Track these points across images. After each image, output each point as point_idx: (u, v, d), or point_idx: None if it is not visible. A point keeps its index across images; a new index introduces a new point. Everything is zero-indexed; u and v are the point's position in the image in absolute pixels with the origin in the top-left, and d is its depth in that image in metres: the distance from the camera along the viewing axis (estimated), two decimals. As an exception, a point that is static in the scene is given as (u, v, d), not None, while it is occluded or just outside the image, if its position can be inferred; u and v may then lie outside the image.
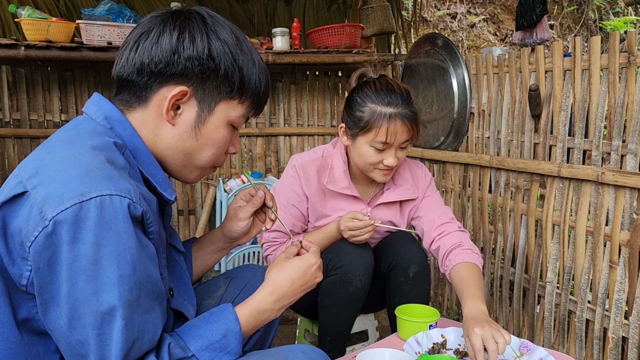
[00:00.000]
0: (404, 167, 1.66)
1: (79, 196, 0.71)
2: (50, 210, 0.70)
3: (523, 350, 1.30)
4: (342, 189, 1.58)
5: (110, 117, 0.88)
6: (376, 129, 1.44)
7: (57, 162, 0.76)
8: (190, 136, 0.91)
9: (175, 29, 0.87)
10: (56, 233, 0.70)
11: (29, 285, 0.74)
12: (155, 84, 0.88)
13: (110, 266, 0.72)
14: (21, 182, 0.74)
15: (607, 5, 7.90)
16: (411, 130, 1.47)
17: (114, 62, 0.93)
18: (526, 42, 3.67)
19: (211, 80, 0.89)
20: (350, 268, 1.49)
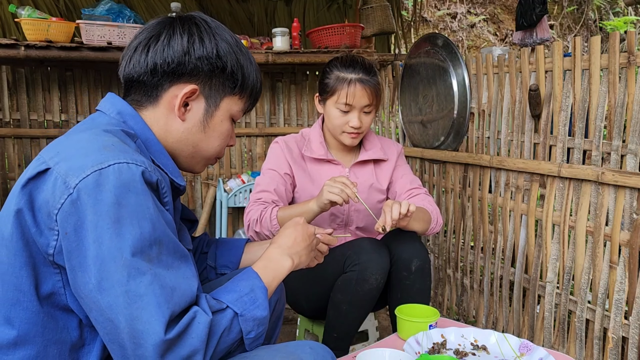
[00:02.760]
0: (373, 136, 1.85)
1: (99, 164, 0.77)
2: (73, 179, 0.76)
3: (523, 350, 1.30)
4: (319, 155, 1.75)
5: (122, 112, 0.95)
6: (339, 91, 1.65)
7: (75, 143, 0.83)
8: (199, 130, 0.99)
9: (185, 32, 0.95)
10: (80, 199, 0.75)
11: (56, 254, 0.78)
12: (166, 83, 0.95)
13: (132, 224, 0.76)
14: (44, 161, 0.81)
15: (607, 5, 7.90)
16: (371, 96, 1.66)
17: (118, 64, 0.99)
18: (526, 42, 3.67)
19: (217, 78, 0.98)
20: (368, 266, 1.51)
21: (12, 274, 0.79)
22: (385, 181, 1.82)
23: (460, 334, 1.38)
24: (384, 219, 1.44)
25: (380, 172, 1.82)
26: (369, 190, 1.78)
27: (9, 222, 0.79)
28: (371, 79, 1.67)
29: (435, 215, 1.71)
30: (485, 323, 2.29)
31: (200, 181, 3.23)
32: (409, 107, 2.66)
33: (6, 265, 0.80)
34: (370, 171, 1.81)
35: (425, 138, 2.57)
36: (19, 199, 0.79)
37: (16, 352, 0.80)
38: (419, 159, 2.72)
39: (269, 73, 3.24)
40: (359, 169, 1.80)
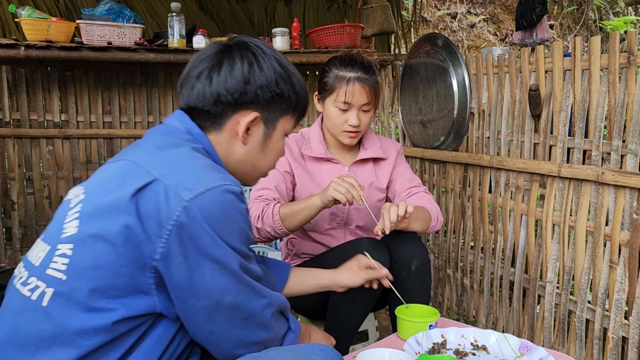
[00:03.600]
0: (372, 135, 1.85)
1: (210, 183, 0.87)
2: (186, 193, 0.86)
3: (523, 350, 1.30)
4: (319, 154, 1.75)
5: (191, 131, 1.02)
6: (338, 90, 1.65)
7: (174, 157, 0.93)
8: (258, 151, 1.07)
9: (245, 61, 1.01)
10: (194, 213, 0.85)
11: (161, 260, 0.86)
12: (229, 111, 1.01)
13: (238, 237, 0.91)
14: (148, 172, 0.89)
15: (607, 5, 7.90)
16: (370, 94, 1.66)
17: (177, 90, 1.07)
18: (526, 42, 3.67)
19: (275, 103, 1.05)
20: None
21: (109, 270, 0.85)
22: (384, 180, 1.82)
23: (460, 334, 1.38)
24: (382, 223, 1.44)
25: (380, 171, 1.82)
26: (368, 189, 1.78)
27: (116, 224, 0.85)
28: (370, 78, 1.67)
29: (435, 213, 1.71)
30: (485, 323, 2.29)
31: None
32: (409, 107, 2.66)
33: (104, 262, 0.86)
34: (369, 170, 1.81)
35: (425, 138, 2.57)
36: (129, 207, 0.86)
37: (95, 338, 0.86)
38: (419, 159, 2.72)
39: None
40: (358, 168, 1.80)
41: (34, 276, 0.90)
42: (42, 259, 0.90)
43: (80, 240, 0.87)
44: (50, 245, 0.91)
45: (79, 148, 3.03)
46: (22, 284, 0.91)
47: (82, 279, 0.86)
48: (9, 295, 0.94)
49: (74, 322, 0.85)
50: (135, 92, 3.11)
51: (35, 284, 0.89)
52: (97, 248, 0.86)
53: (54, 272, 0.87)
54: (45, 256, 0.90)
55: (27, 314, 0.87)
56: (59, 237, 0.90)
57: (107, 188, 0.90)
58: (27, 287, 0.89)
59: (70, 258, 0.87)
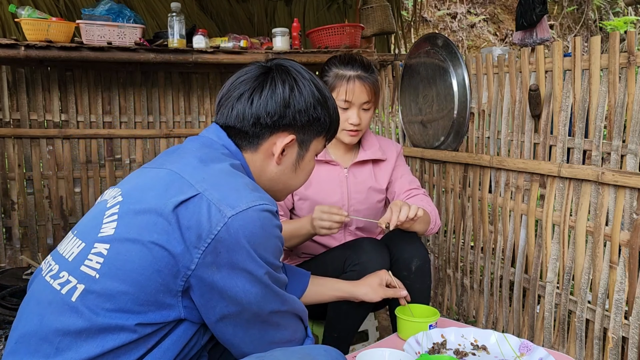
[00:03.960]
0: (372, 136, 1.84)
1: (251, 202, 0.91)
2: (228, 210, 0.89)
3: (523, 350, 1.30)
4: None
5: (228, 147, 1.05)
6: (338, 88, 1.66)
7: (217, 173, 0.96)
8: (291, 171, 1.11)
9: (286, 85, 1.04)
10: (235, 229, 0.89)
11: (196, 269, 0.89)
12: (267, 133, 1.05)
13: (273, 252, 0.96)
14: (192, 185, 0.92)
15: (607, 5, 7.90)
16: (370, 92, 1.67)
17: (216, 110, 1.10)
18: (526, 42, 3.67)
19: (311, 126, 1.09)
20: (368, 266, 1.51)
21: (141, 274, 0.88)
22: (384, 181, 1.81)
23: (460, 334, 1.38)
24: (389, 217, 1.46)
25: (379, 172, 1.82)
26: (367, 191, 1.78)
27: (157, 231, 0.88)
28: (370, 76, 1.68)
29: (434, 216, 1.71)
30: (485, 323, 2.29)
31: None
32: (409, 107, 2.66)
33: (138, 265, 0.88)
34: (368, 171, 1.81)
35: (425, 138, 2.57)
36: (170, 217, 0.89)
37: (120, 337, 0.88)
38: (419, 159, 2.72)
39: (269, 73, 3.24)
40: (357, 169, 1.80)
41: (66, 271, 0.92)
42: (75, 254, 0.93)
43: (118, 242, 0.90)
44: (85, 242, 0.93)
45: (79, 148, 3.02)
46: (52, 277, 0.93)
47: (115, 279, 0.88)
48: (37, 286, 0.96)
49: (102, 319, 0.87)
50: (135, 92, 3.11)
51: (67, 278, 0.91)
52: (133, 251, 0.88)
53: (88, 270, 0.90)
54: (80, 252, 0.92)
55: (55, 307, 0.89)
56: (96, 236, 0.92)
57: (147, 194, 0.93)
58: (58, 281, 0.91)
59: (105, 258, 0.89)
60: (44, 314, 0.89)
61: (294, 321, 1.06)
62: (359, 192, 1.77)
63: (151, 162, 1.06)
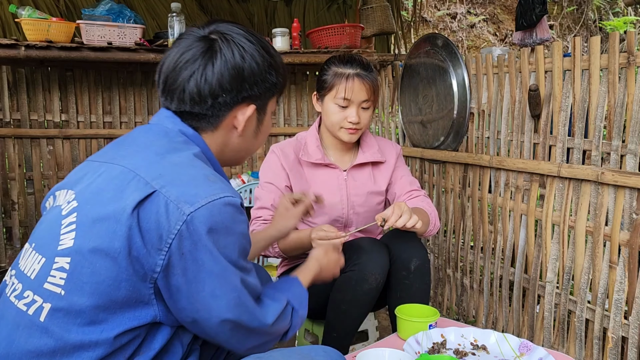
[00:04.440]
0: (370, 137, 1.84)
1: (211, 196, 0.87)
2: (187, 207, 0.85)
3: (523, 350, 1.31)
4: (316, 159, 1.75)
5: (184, 132, 0.99)
6: (337, 86, 1.66)
7: (175, 166, 0.91)
8: (253, 137, 1.08)
9: (236, 56, 0.97)
10: (195, 226, 0.85)
11: (161, 272, 0.86)
12: (226, 110, 1.00)
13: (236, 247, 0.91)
14: (147, 182, 0.87)
15: (607, 5, 7.90)
16: (369, 91, 1.67)
17: (160, 93, 1.02)
18: (526, 42, 3.67)
19: (268, 91, 1.04)
20: (368, 266, 1.51)
21: (110, 284, 0.84)
22: (383, 183, 1.81)
23: (460, 333, 1.38)
24: (388, 216, 1.46)
25: (379, 174, 1.82)
26: (366, 194, 1.78)
27: (116, 239, 0.84)
28: (369, 75, 1.68)
29: (434, 218, 1.71)
30: (485, 323, 2.29)
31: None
32: (409, 107, 2.66)
33: (105, 277, 0.84)
34: (367, 174, 1.80)
35: (425, 138, 2.57)
36: (129, 220, 0.84)
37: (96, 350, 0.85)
38: (419, 159, 2.72)
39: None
40: (356, 172, 1.79)
41: (30, 290, 0.87)
42: (37, 271, 0.87)
43: (79, 254, 0.85)
44: (45, 257, 0.88)
45: (79, 148, 3.03)
46: (17, 297, 0.88)
47: (82, 294, 0.84)
48: (2, 306, 0.91)
49: (74, 336, 0.83)
50: (136, 92, 3.11)
51: (32, 298, 0.86)
52: (97, 262, 0.84)
53: (52, 287, 0.85)
54: (41, 269, 0.87)
55: (23, 329, 0.85)
56: (56, 249, 0.87)
57: (103, 198, 0.87)
58: (23, 301, 0.87)
59: (68, 272, 0.85)
60: (13, 337, 0.85)
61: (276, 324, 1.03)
62: (358, 195, 1.77)
63: (99, 155, 0.99)
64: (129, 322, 0.86)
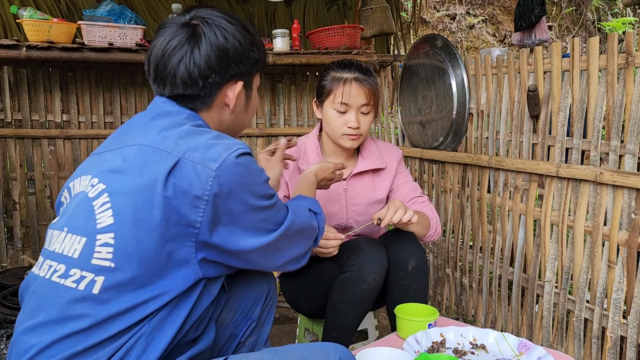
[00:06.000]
0: (370, 143, 1.83)
1: (228, 150, 0.96)
2: (212, 164, 0.93)
3: (522, 350, 1.31)
4: None
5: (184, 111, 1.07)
6: (335, 91, 1.65)
7: (186, 136, 0.97)
8: (243, 112, 1.17)
9: (219, 37, 1.04)
10: (224, 178, 0.94)
11: (203, 227, 0.94)
12: (217, 89, 1.07)
13: (263, 185, 1.02)
14: (169, 153, 0.94)
15: (606, 6, 7.91)
16: (368, 95, 1.65)
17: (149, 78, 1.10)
18: (525, 43, 3.68)
19: (253, 67, 1.12)
20: (366, 266, 1.52)
21: (154, 251, 0.91)
22: (384, 190, 1.79)
23: (459, 333, 1.39)
24: (384, 214, 1.47)
25: (379, 182, 1.80)
26: (366, 205, 1.77)
27: (156, 207, 0.90)
28: (368, 78, 1.66)
29: (435, 223, 1.71)
30: (484, 322, 2.30)
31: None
32: (408, 107, 2.67)
33: (149, 245, 0.91)
34: (368, 182, 1.78)
35: (424, 138, 2.58)
36: (164, 188, 0.91)
37: (145, 309, 0.91)
38: (418, 159, 2.73)
39: (269, 74, 3.25)
40: (356, 181, 1.77)
41: (76, 268, 0.92)
42: (79, 250, 0.93)
43: (122, 228, 0.91)
44: (85, 237, 0.93)
45: (81, 148, 3.03)
46: (61, 277, 0.93)
47: (131, 263, 0.90)
48: (44, 290, 0.94)
49: (128, 301, 0.90)
50: (137, 92, 3.11)
51: (79, 275, 0.91)
52: (139, 233, 0.91)
53: (100, 262, 0.91)
54: (84, 248, 0.93)
55: (77, 304, 0.90)
56: (95, 228, 0.93)
57: (130, 175, 0.94)
58: (71, 279, 0.92)
59: (114, 247, 0.91)
60: (67, 314, 0.90)
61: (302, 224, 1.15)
62: (357, 205, 1.76)
63: (106, 146, 1.07)
64: (175, 282, 0.93)
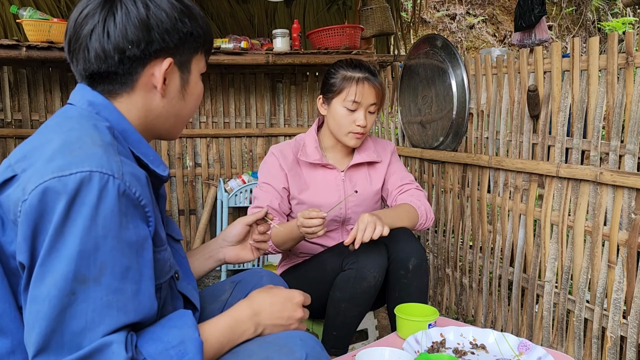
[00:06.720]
0: (367, 139, 1.86)
1: (59, 171, 0.73)
2: (30, 185, 0.73)
3: (522, 350, 1.31)
4: (315, 160, 1.77)
5: (94, 103, 0.89)
6: (347, 89, 1.67)
7: (43, 145, 0.79)
8: (179, 99, 0.96)
9: (139, 4, 0.87)
10: (32, 206, 0.72)
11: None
12: (139, 66, 0.89)
13: (74, 238, 0.72)
14: (10, 165, 0.78)
15: (606, 6, 7.92)
16: (377, 95, 1.70)
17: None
18: (525, 43, 3.68)
19: (184, 44, 0.93)
20: (366, 264, 1.52)
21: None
22: (379, 181, 1.85)
23: (459, 333, 1.39)
24: (354, 236, 1.45)
25: (375, 174, 1.85)
26: (363, 194, 1.81)
27: None
28: (376, 79, 1.72)
29: (424, 210, 1.73)
30: (484, 322, 2.30)
31: (201, 181, 3.24)
32: (408, 107, 2.67)
33: None
34: (364, 174, 1.83)
35: (424, 138, 2.58)
36: None
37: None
38: (418, 159, 2.73)
39: (269, 74, 3.25)
40: (353, 173, 1.82)
41: None
42: None
43: None
44: None
45: (80, 148, 3.03)
46: None
47: None
48: None
49: None
50: (136, 92, 3.12)
51: None
52: None
53: None
54: None
55: None
56: None
57: None
58: None
59: None
60: None
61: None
62: (355, 195, 1.79)
63: None
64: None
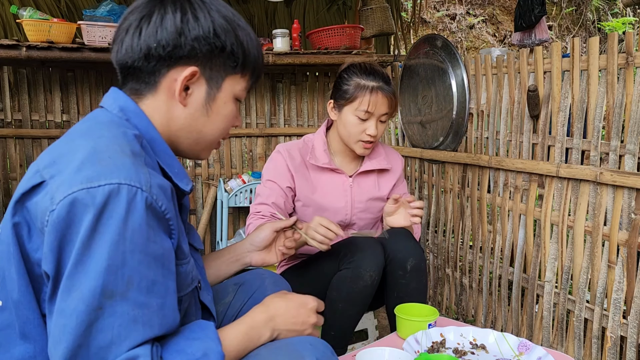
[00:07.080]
0: (378, 145, 1.86)
1: (87, 182, 0.73)
2: (58, 195, 0.73)
3: (522, 350, 1.31)
4: (323, 163, 1.75)
5: (125, 109, 0.90)
6: (360, 98, 1.64)
7: (72, 152, 0.78)
8: (202, 114, 0.94)
9: (177, 10, 0.88)
10: (60, 217, 0.72)
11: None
12: (163, 68, 0.89)
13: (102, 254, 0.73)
14: (38, 171, 0.78)
15: (606, 6, 7.92)
16: (390, 105, 1.67)
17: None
18: (525, 43, 3.68)
19: (217, 58, 0.92)
20: (362, 263, 1.52)
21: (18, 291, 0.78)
22: (387, 189, 1.83)
23: (459, 333, 1.39)
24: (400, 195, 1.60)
25: (383, 181, 1.83)
26: (370, 202, 1.79)
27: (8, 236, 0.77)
28: (389, 88, 1.68)
29: (416, 235, 1.78)
30: (484, 322, 2.30)
31: (201, 181, 3.24)
32: (408, 107, 2.67)
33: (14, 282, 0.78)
34: (372, 181, 1.81)
35: (424, 138, 2.58)
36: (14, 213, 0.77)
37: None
38: (418, 159, 2.73)
39: (269, 74, 3.25)
40: (362, 179, 1.80)
41: None
42: None
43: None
44: None
45: (80, 148, 3.04)
46: None
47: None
48: None
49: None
50: (136, 92, 3.12)
51: None
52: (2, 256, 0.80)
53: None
54: None
55: None
56: None
57: None
58: None
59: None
60: None
61: None
62: (362, 202, 1.78)
63: None
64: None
